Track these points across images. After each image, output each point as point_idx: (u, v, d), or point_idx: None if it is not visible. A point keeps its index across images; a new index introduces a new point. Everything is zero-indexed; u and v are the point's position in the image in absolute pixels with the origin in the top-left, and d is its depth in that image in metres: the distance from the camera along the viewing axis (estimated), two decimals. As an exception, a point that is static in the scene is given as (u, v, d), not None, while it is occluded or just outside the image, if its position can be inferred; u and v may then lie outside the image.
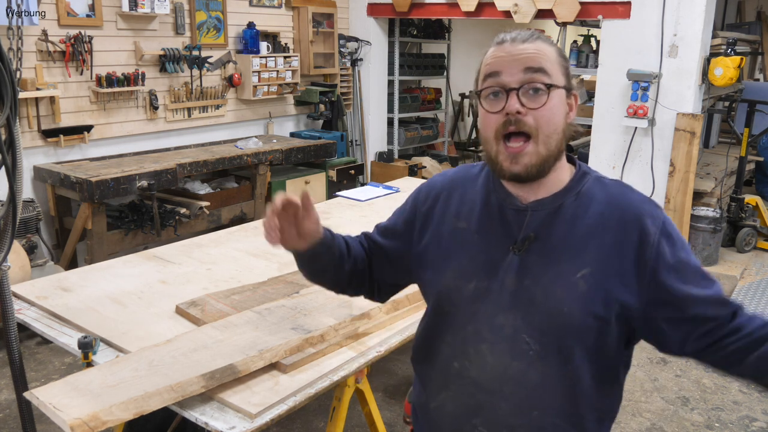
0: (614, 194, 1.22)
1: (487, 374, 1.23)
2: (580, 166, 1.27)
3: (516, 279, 1.20)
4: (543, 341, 1.18)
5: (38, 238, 3.94)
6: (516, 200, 1.24)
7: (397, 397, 3.29)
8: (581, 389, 1.20)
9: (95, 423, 1.48)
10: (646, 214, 1.18)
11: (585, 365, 1.19)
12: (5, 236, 1.99)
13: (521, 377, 1.20)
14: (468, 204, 1.31)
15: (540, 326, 1.18)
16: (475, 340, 1.24)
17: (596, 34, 5.32)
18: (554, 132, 1.16)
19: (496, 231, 1.25)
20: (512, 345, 1.20)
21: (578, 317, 1.16)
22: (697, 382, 3.54)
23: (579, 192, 1.22)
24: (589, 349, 1.18)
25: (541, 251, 1.20)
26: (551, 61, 1.17)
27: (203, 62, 5.13)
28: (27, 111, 4.14)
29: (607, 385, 1.24)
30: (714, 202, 5.15)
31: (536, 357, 1.19)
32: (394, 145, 6.98)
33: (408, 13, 6.08)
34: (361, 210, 3.53)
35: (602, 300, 1.16)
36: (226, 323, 2.00)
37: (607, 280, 1.16)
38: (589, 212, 1.20)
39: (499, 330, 1.21)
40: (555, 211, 1.21)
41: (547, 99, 1.15)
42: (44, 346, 3.77)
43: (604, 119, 5.10)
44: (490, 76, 1.18)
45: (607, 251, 1.17)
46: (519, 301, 1.19)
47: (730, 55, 4.64)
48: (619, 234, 1.17)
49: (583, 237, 1.18)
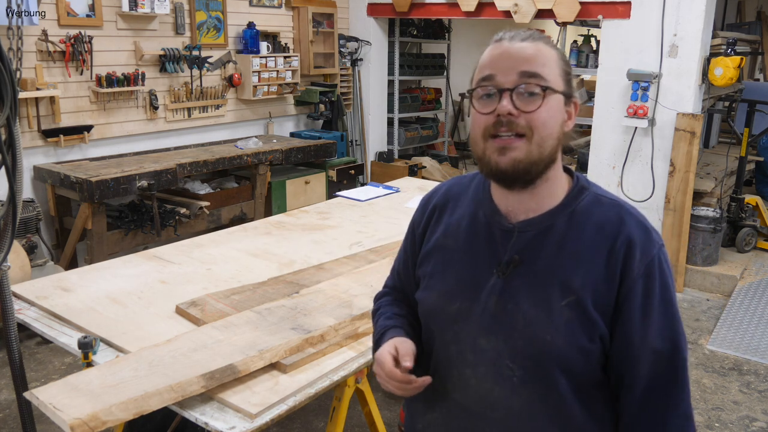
0: (610, 219, 1.14)
1: (471, 397, 1.20)
2: (578, 179, 1.20)
3: (498, 302, 1.15)
4: (525, 367, 1.13)
5: (38, 238, 3.94)
6: (504, 219, 1.18)
7: (397, 397, 3.29)
8: (569, 415, 1.15)
9: (95, 423, 1.48)
10: (637, 246, 1.11)
11: (572, 394, 1.14)
12: (5, 236, 1.99)
13: (506, 403, 1.16)
14: (456, 219, 1.25)
15: (522, 352, 1.13)
16: (460, 362, 1.20)
17: (596, 34, 5.32)
18: (549, 136, 1.09)
19: (482, 251, 1.19)
20: (495, 369, 1.16)
21: (561, 346, 1.10)
22: (697, 382, 3.54)
23: (573, 211, 1.15)
24: (575, 377, 1.13)
25: (526, 275, 1.14)
26: (551, 64, 1.11)
27: (203, 62, 5.13)
28: (27, 111, 4.14)
29: (598, 408, 1.17)
30: (714, 202, 5.15)
31: (519, 382, 1.14)
32: (394, 145, 6.98)
33: (408, 13, 6.08)
34: (361, 210, 3.53)
35: (586, 330, 1.10)
36: (226, 323, 2.00)
37: (592, 310, 1.10)
38: (581, 236, 1.13)
39: (482, 353, 1.17)
40: (544, 232, 1.14)
41: (542, 103, 1.08)
42: (44, 346, 3.77)
43: (604, 119, 5.11)
44: (484, 75, 1.12)
45: (594, 280, 1.10)
46: (501, 325, 1.15)
47: (730, 55, 4.64)
48: (609, 264, 1.11)
49: (571, 263, 1.12)
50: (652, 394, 1.12)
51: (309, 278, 2.46)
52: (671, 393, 1.12)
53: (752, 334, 4.07)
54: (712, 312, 4.47)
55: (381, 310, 1.42)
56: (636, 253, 1.11)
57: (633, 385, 1.12)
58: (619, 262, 1.11)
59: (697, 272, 4.88)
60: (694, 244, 4.88)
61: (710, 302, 4.66)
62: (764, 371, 3.66)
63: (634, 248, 1.11)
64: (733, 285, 4.75)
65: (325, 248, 2.86)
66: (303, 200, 5.38)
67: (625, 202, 1.20)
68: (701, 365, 3.72)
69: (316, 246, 2.89)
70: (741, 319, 4.26)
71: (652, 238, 1.13)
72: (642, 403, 1.12)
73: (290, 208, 5.12)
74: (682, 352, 1.12)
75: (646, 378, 1.11)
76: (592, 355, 1.12)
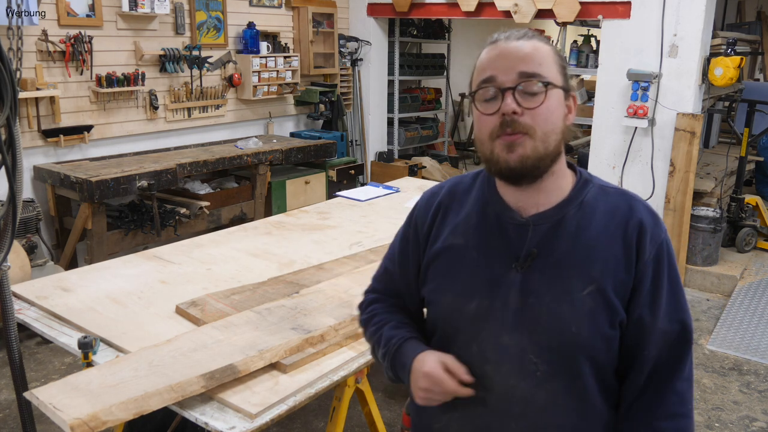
0: (620, 207, 1.17)
1: (494, 395, 1.19)
2: (581, 173, 1.22)
3: (519, 298, 1.15)
4: (551, 361, 1.14)
5: (38, 238, 3.94)
6: (515, 214, 1.18)
7: (397, 398, 3.29)
8: (592, 406, 1.17)
9: (95, 423, 1.48)
10: (647, 230, 1.15)
11: (594, 383, 1.16)
12: (5, 236, 1.99)
13: (530, 398, 1.17)
14: (464, 218, 1.25)
15: (548, 346, 1.14)
16: (481, 360, 1.19)
17: (596, 34, 5.32)
18: (552, 131, 1.11)
19: (497, 247, 1.19)
20: (519, 366, 1.16)
21: (587, 336, 1.12)
22: (697, 382, 3.54)
23: (582, 202, 1.17)
24: (598, 366, 1.15)
25: (545, 268, 1.15)
26: (548, 60, 1.12)
27: (203, 62, 5.13)
28: (27, 111, 4.14)
29: (612, 396, 1.20)
30: (714, 202, 5.15)
31: (544, 377, 1.15)
32: (394, 145, 6.98)
33: (408, 13, 6.07)
34: (361, 210, 3.53)
35: (609, 317, 1.12)
36: (226, 323, 2.00)
37: (612, 296, 1.12)
38: (593, 225, 1.15)
39: (505, 350, 1.17)
40: (557, 224, 1.16)
41: (545, 98, 1.10)
42: (44, 346, 3.77)
43: (604, 119, 5.10)
44: (485, 77, 1.13)
45: (612, 266, 1.13)
46: (523, 320, 1.15)
47: (730, 55, 4.64)
48: (624, 248, 1.14)
49: (588, 251, 1.14)
50: (658, 369, 1.16)
51: (309, 278, 2.46)
52: (677, 368, 1.17)
53: (752, 334, 4.07)
54: (712, 312, 4.48)
55: (378, 319, 1.37)
56: (647, 237, 1.15)
57: (642, 364, 1.16)
58: (633, 246, 1.14)
59: (697, 272, 4.88)
60: (694, 244, 4.88)
61: (710, 302, 4.66)
62: (764, 371, 3.66)
63: (645, 232, 1.15)
64: (733, 285, 4.76)
65: (325, 248, 2.86)
66: (303, 200, 5.38)
67: (628, 190, 1.24)
68: (701, 365, 3.71)
69: (316, 246, 2.90)
70: (741, 319, 4.26)
71: (659, 222, 1.19)
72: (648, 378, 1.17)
73: (290, 208, 5.12)
74: (689, 332, 1.17)
75: (654, 357, 1.15)
76: (614, 342, 1.15)
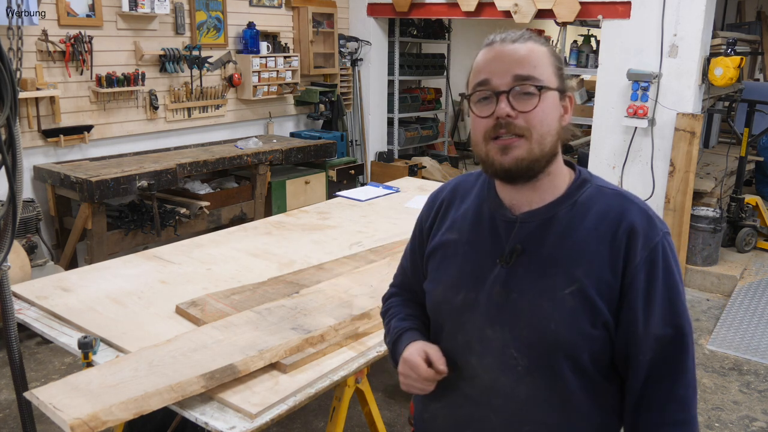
0: (613, 208, 1.16)
1: (477, 387, 1.23)
2: (581, 172, 1.22)
3: (503, 292, 1.17)
4: (531, 357, 1.15)
5: (38, 238, 3.94)
6: (507, 211, 1.20)
7: (397, 397, 3.29)
8: (574, 405, 1.17)
9: (95, 423, 1.48)
10: (639, 233, 1.12)
11: (577, 382, 1.15)
12: (5, 236, 1.99)
13: (510, 392, 1.18)
14: (461, 214, 1.29)
15: (528, 341, 1.15)
16: (465, 351, 1.23)
17: (596, 34, 5.32)
18: (548, 133, 1.12)
19: (486, 242, 1.22)
20: (500, 359, 1.18)
21: (565, 334, 1.12)
22: (698, 382, 3.53)
23: (575, 202, 1.17)
24: (580, 365, 1.14)
25: (529, 264, 1.16)
26: (543, 62, 1.12)
27: (203, 62, 5.13)
28: (27, 111, 4.14)
29: (602, 398, 1.19)
30: (714, 202, 5.15)
31: (524, 372, 1.16)
32: (394, 145, 6.98)
33: (408, 13, 6.07)
34: (361, 210, 3.53)
35: (590, 318, 1.11)
36: (226, 323, 2.00)
37: (596, 298, 1.11)
38: (583, 225, 1.15)
39: (488, 343, 1.19)
40: (546, 222, 1.16)
41: (539, 101, 1.10)
42: (44, 346, 3.77)
43: (604, 119, 5.10)
44: (480, 80, 1.14)
45: (598, 267, 1.12)
46: (505, 314, 1.17)
47: (730, 55, 4.64)
48: (612, 251, 1.12)
49: (574, 251, 1.13)
50: (655, 377, 1.14)
51: (309, 278, 2.46)
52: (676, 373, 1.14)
53: (752, 334, 4.07)
54: (712, 312, 4.47)
55: (392, 311, 1.44)
56: (638, 241, 1.12)
57: (637, 370, 1.14)
58: (621, 250, 1.12)
59: (697, 272, 4.88)
60: (694, 244, 4.88)
61: (710, 302, 4.66)
62: (764, 371, 3.66)
63: (636, 235, 1.12)
64: (733, 285, 4.76)
65: (325, 248, 2.86)
66: (303, 200, 5.38)
67: (628, 191, 1.22)
68: (701, 365, 3.71)
69: (316, 246, 2.89)
70: (741, 319, 4.26)
71: (654, 225, 1.14)
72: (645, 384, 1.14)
73: (290, 208, 5.12)
74: (686, 336, 1.13)
75: (649, 363, 1.13)
76: (597, 343, 1.13)
